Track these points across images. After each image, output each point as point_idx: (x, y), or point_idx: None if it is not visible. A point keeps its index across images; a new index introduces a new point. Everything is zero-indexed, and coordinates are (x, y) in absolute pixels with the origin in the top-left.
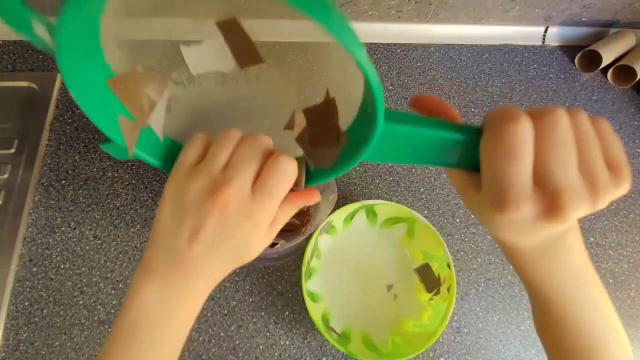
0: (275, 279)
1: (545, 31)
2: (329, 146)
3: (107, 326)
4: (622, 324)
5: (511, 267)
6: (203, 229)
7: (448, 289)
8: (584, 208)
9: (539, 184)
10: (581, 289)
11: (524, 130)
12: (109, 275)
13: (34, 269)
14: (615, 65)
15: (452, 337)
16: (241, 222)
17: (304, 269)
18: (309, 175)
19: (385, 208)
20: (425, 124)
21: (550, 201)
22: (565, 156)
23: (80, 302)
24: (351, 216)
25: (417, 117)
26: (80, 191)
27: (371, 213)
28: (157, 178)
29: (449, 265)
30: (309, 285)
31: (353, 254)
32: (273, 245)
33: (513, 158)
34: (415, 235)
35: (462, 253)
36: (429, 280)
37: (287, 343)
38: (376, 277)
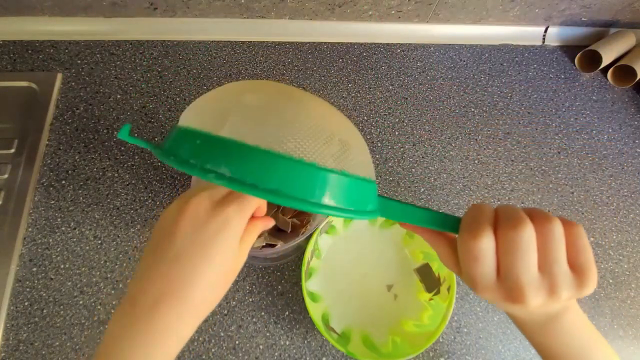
0: (275, 279)
1: (545, 31)
2: None
3: (106, 326)
4: (622, 324)
5: None
6: (178, 233)
7: (448, 289)
8: (543, 299)
9: (503, 278)
10: (588, 355)
11: (485, 245)
12: (109, 275)
13: (34, 269)
14: (615, 65)
15: (452, 337)
16: (213, 232)
17: (304, 269)
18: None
19: None
20: (416, 216)
21: (511, 292)
22: (526, 260)
23: (80, 302)
24: None
25: (408, 210)
26: (80, 191)
27: None
28: (157, 178)
29: None
30: (309, 285)
31: (353, 254)
32: (273, 245)
33: (476, 263)
34: (415, 235)
35: None
36: (429, 280)
37: (287, 343)
38: (376, 277)
